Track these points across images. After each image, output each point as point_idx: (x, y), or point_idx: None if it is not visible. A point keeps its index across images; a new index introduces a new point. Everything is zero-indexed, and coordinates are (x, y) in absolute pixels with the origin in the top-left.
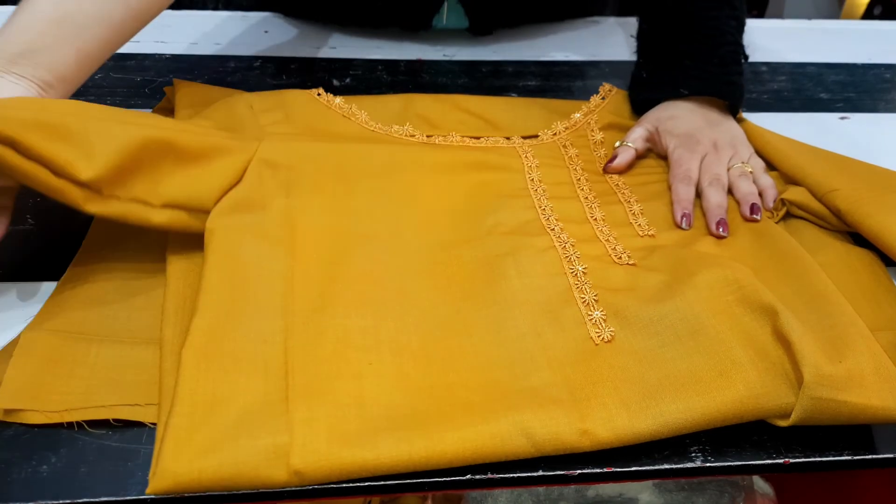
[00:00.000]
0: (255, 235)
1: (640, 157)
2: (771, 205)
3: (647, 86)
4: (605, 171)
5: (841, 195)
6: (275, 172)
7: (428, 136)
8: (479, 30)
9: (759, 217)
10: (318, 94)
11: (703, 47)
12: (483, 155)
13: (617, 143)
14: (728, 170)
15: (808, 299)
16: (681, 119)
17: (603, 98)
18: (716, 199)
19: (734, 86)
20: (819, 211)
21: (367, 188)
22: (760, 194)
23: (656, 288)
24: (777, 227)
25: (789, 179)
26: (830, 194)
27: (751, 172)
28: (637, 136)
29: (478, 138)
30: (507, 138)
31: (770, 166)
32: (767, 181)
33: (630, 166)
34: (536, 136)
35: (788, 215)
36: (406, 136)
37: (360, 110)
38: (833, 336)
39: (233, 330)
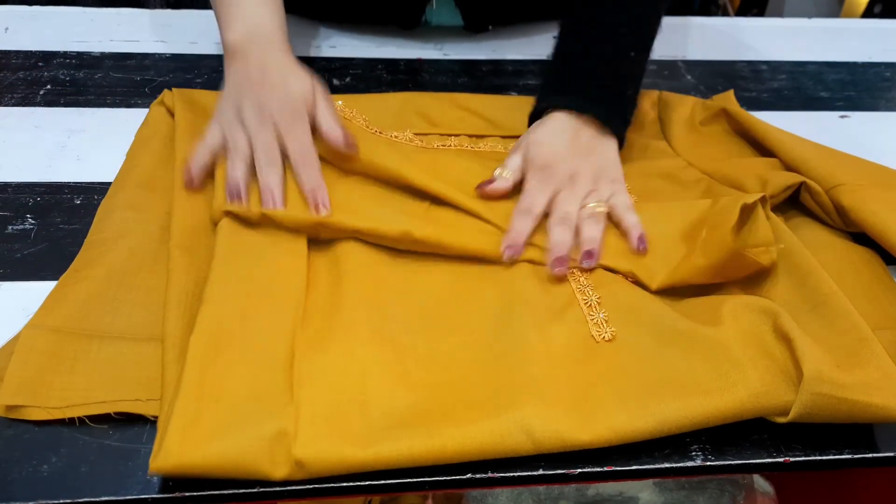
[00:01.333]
0: (269, 233)
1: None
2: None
3: (542, 90)
4: (480, 194)
5: (845, 190)
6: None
7: (423, 137)
8: (474, 26)
9: (592, 263)
10: None
11: (596, 60)
12: (481, 159)
13: (497, 170)
14: (581, 208)
15: (813, 304)
16: (545, 145)
17: None
18: (558, 237)
19: (615, 108)
20: (825, 204)
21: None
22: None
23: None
24: (781, 226)
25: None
26: (835, 189)
27: (607, 212)
28: (514, 167)
29: (478, 137)
30: (504, 138)
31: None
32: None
33: (507, 195)
34: None
35: (788, 211)
36: (406, 140)
37: (360, 115)
38: (837, 342)
39: (244, 323)
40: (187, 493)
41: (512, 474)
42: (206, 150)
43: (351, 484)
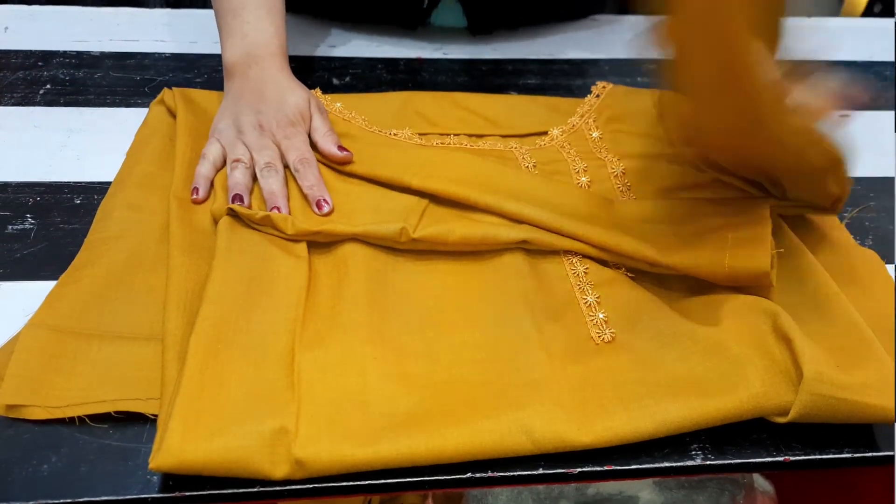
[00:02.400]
0: (269, 232)
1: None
2: None
3: None
4: None
5: None
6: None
7: (423, 136)
8: (478, 29)
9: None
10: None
11: None
12: (481, 154)
13: None
14: None
15: (814, 305)
16: None
17: (598, 96)
18: None
19: None
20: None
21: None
22: None
23: (657, 289)
24: (781, 226)
25: None
26: None
27: None
28: None
29: (478, 136)
30: (504, 137)
31: None
32: None
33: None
34: (535, 135)
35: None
36: (405, 139)
37: (359, 116)
38: (837, 343)
39: (244, 322)
40: (187, 493)
41: (512, 474)
42: (208, 164)
43: (351, 483)
